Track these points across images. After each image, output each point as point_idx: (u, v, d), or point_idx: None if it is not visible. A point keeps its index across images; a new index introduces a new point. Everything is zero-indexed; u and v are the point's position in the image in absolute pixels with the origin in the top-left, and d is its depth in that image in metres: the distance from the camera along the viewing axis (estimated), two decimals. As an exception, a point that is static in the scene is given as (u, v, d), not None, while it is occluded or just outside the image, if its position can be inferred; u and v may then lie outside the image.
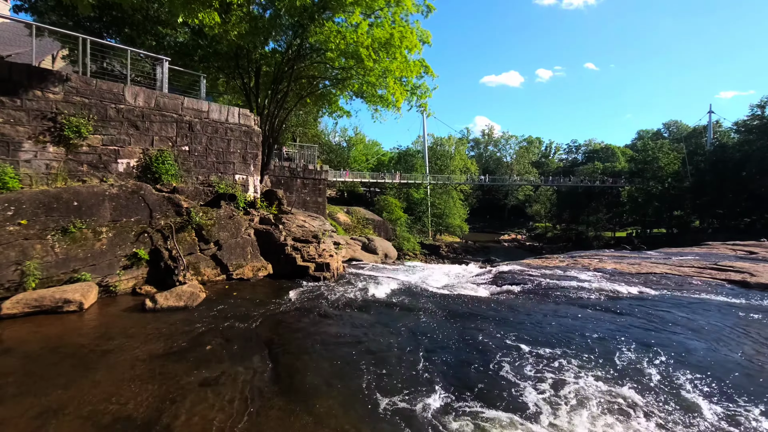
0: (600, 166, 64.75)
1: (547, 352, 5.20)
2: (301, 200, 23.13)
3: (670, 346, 5.61)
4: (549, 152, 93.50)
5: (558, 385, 4.31)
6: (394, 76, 13.05)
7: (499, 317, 6.88)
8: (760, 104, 45.57)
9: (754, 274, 10.91)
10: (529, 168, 78.60)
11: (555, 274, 11.31)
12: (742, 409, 3.93)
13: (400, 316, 6.89)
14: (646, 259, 14.90)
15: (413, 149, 58.37)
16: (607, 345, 5.57)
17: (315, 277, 9.18)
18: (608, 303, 8.11)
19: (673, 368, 4.83)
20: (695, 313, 7.50)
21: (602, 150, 78.92)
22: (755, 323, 6.89)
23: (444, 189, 49.87)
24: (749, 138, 45.53)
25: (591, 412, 3.79)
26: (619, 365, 4.89)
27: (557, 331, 6.18)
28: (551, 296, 8.66)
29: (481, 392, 4.16)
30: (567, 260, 14.39)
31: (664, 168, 50.75)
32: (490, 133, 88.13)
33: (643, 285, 9.85)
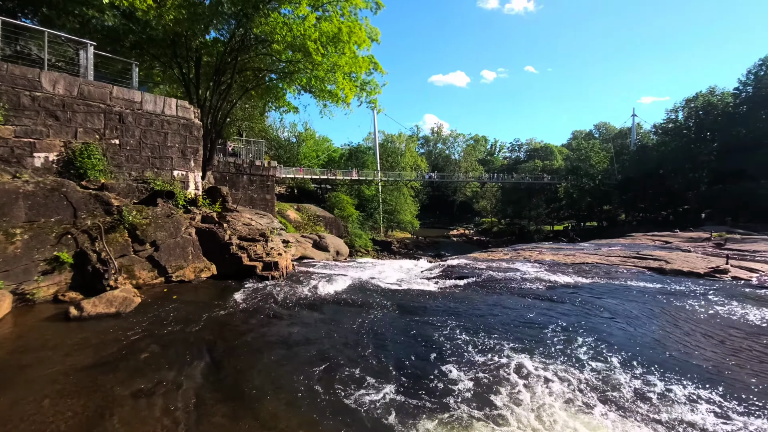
0: (540, 164, 68.85)
1: (491, 341, 5.44)
2: (248, 197, 22.24)
3: (598, 329, 6.11)
4: (494, 150, 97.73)
5: (501, 370, 4.52)
6: (343, 71, 12.93)
7: (448, 310, 7.09)
8: (673, 109, 50.92)
9: (669, 262, 12.19)
10: (476, 165, 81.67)
11: (500, 266, 11.87)
12: (655, 378, 4.37)
13: (351, 313, 6.86)
14: (580, 250, 16.10)
15: (364, 146, 58.33)
16: (544, 331, 5.94)
17: (263, 277, 8.87)
18: (546, 292, 8.66)
19: (599, 348, 5.26)
20: (620, 298, 8.24)
21: (542, 149, 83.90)
22: (669, 305, 7.70)
23: (395, 186, 50.38)
24: (665, 140, 50.72)
25: (531, 393, 4.01)
26: (553, 349, 5.23)
27: (501, 320, 6.48)
28: (496, 288, 9.08)
29: (429, 383, 4.25)
30: (510, 253, 15.16)
31: (595, 166, 55.14)
32: (439, 131, 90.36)
33: (576, 274, 10.63)
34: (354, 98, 13.86)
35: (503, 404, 3.84)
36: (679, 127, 49.22)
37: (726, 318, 6.91)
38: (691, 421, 3.60)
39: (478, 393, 4.05)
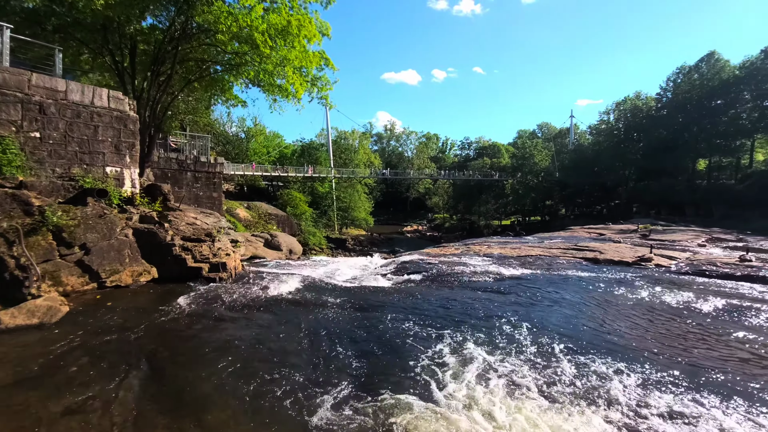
0: (488, 162, 71.75)
1: (443, 333, 5.59)
2: (193, 195, 21.04)
3: (541, 316, 6.50)
4: (445, 148, 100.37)
5: (453, 361, 4.66)
6: (293, 65, 12.58)
7: (401, 305, 7.18)
8: (606, 111, 55.33)
9: (603, 252, 13.22)
10: (428, 162, 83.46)
11: (451, 261, 12.22)
12: (589, 360, 4.72)
13: (305, 312, 6.74)
14: (525, 243, 17.00)
15: (317, 142, 57.43)
16: (492, 321, 6.21)
17: (210, 279, 8.46)
18: (494, 284, 9.06)
19: (541, 334, 5.60)
20: (560, 287, 8.81)
21: (490, 147, 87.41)
22: (602, 292, 8.36)
23: (349, 182, 50.15)
24: (599, 139, 54.99)
25: (480, 380, 4.18)
26: (500, 337, 5.49)
27: (452, 313, 6.68)
28: (448, 281, 9.34)
29: (383, 379, 4.29)
30: (461, 248, 15.66)
31: (538, 164, 58.47)
32: (392, 129, 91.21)
33: (522, 266, 11.22)
34: (305, 94, 13.54)
35: (454, 392, 3.96)
36: (611, 128, 53.51)
37: (650, 302, 7.62)
38: (618, 394, 3.92)
39: (431, 384, 4.15)
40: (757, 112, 38.02)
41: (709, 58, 42.14)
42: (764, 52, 37.48)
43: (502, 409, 3.70)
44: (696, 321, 6.50)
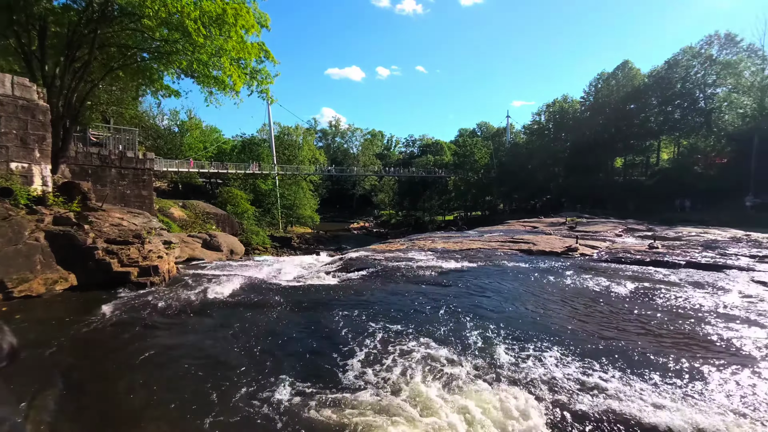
0: (432, 159, 73.86)
1: (388, 327, 5.67)
2: (119, 194, 19.28)
3: (481, 306, 6.84)
4: (390, 145, 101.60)
5: (397, 354, 4.74)
6: (230, 56, 11.98)
7: (347, 302, 7.17)
8: (537, 113, 59.43)
9: (536, 244, 14.20)
10: (374, 159, 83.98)
11: (397, 256, 12.42)
12: (522, 343, 5.06)
13: (247, 314, 6.48)
14: (466, 237, 17.75)
15: (259, 138, 55.33)
16: (435, 313, 6.42)
17: (140, 284, 7.82)
18: (438, 277, 9.36)
19: (481, 322, 5.88)
20: (499, 277, 9.33)
21: (433, 144, 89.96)
22: (535, 281, 8.98)
23: (293, 180, 48.95)
24: (532, 139, 58.90)
25: (424, 370, 4.30)
26: (443, 327, 5.69)
27: (398, 307, 6.80)
28: (393, 277, 9.49)
29: (330, 378, 4.26)
30: (406, 243, 15.98)
31: (478, 161, 61.29)
32: (337, 125, 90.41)
33: (464, 259, 11.70)
34: (244, 87, 12.95)
35: (397, 385, 4.04)
36: (542, 128, 57.52)
37: (575, 288, 8.33)
38: (553, 375, 4.24)
39: (377, 379, 4.19)
40: (662, 116, 42.97)
41: (623, 66, 46.76)
42: (667, 63, 42.37)
43: (444, 396, 3.85)
44: (613, 302, 7.23)
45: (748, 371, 4.42)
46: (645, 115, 43.92)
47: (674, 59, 41.56)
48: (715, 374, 4.33)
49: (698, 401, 3.76)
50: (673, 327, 5.92)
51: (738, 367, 4.50)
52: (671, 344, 5.25)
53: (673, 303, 7.17)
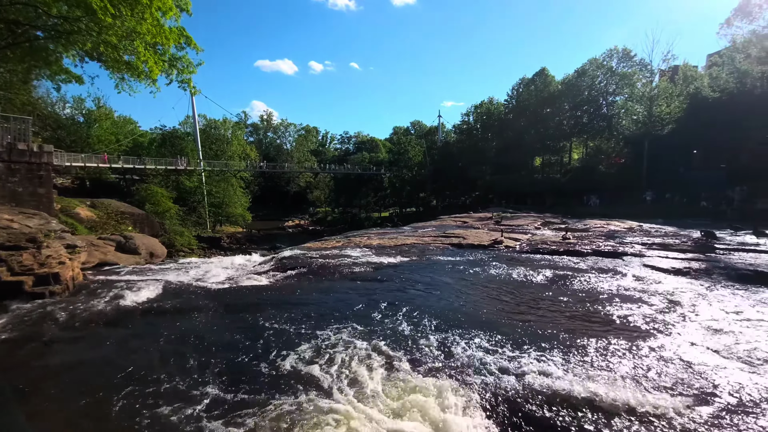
0: (367, 156, 74.30)
1: (324, 326, 5.61)
2: (9, 192, 16.65)
3: (415, 299, 7.05)
4: (325, 141, 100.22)
5: (331, 352, 4.72)
6: (144, 40, 10.90)
7: (281, 302, 6.96)
8: (466, 113, 62.52)
9: (466, 238, 14.97)
10: (309, 156, 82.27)
11: (333, 254, 12.32)
12: (453, 332, 5.32)
13: (169, 322, 6.01)
14: (401, 233, 18.17)
15: (182, 131, 51.30)
16: (370, 308, 6.48)
17: (36, 294, 6.86)
18: (374, 273, 9.47)
19: (414, 315, 6.07)
20: (432, 271, 9.69)
21: (369, 142, 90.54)
22: (464, 272, 9.47)
23: (222, 176, 46.19)
24: (462, 138, 61.91)
25: (356, 369, 4.33)
26: (379, 324, 5.78)
27: (333, 304, 6.76)
28: (329, 274, 9.41)
29: (263, 381, 4.11)
30: (342, 240, 15.92)
31: (412, 159, 62.99)
32: (268, 120, 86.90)
33: (399, 255, 11.96)
34: (162, 75, 11.89)
35: (331, 384, 4.02)
36: (471, 128, 60.69)
37: (500, 278, 8.94)
38: (480, 360, 4.51)
39: (313, 377, 4.13)
40: (573, 120, 47.66)
41: (541, 73, 50.92)
42: (577, 72, 47.01)
43: (377, 390, 3.91)
44: (532, 289, 7.89)
45: (638, 342, 5.09)
46: (559, 119, 48.32)
47: (582, 69, 46.26)
48: (611, 347, 4.92)
49: (596, 371, 4.25)
50: (582, 308, 6.63)
51: (629, 339, 5.16)
52: (579, 323, 5.87)
53: (582, 287, 8.02)
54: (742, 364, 4.57)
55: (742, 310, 6.58)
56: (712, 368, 4.42)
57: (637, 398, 3.67)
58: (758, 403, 3.76)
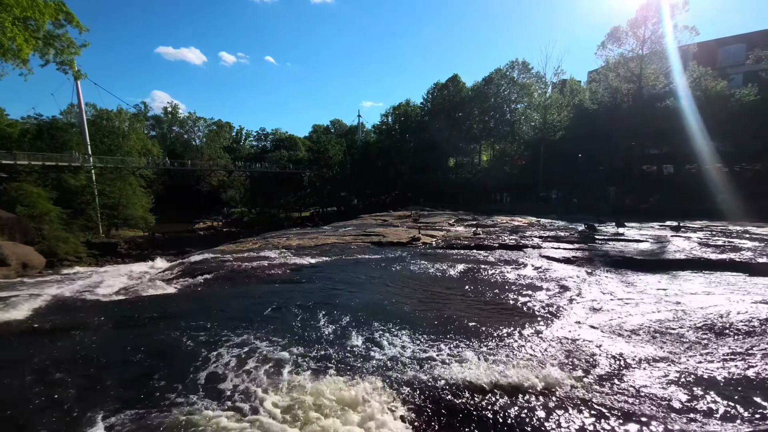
0: (286, 154, 71.97)
1: (238, 333, 5.29)
2: None
3: (336, 298, 7.01)
4: (240, 138, 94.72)
5: (247, 363, 4.46)
6: (12, 13, 9.20)
7: (189, 311, 6.40)
8: (385, 114, 64.11)
9: (386, 236, 15.30)
10: (222, 153, 77.06)
11: (249, 256, 11.69)
12: (374, 329, 5.40)
13: (48, 342, 5.15)
14: (322, 233, 17.94)
15: (64, 121, 44.36)
16: (290, 311, 6.28)
17: None
18: (292, 274, 9.20)
19: (336, 315, 6.03)
20: (352, 269, 9.72)
21: (287, 139, 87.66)
22: (384, 269, 9.68)
23: (118, 174, 40.93)
24: (381, 138, 63.26)
25: (272, 377, 4.16)
26: (298, 325, 5.63)
27: (248, 311, 6.41)
28: (244, 278, 8.90)
29: (160, 402, 3.73)
30: (260, 242, 15.19)
31: (332, 158, 62.57)
32: (173, 112, 79.34)
33: (319, 255, 11.78)
34: (35, 54, 10.13)
35: (243, 395, 3.81)
36: (390, 129, 62.32)
37: (418, 273, 9.31)
38: (398, 355, 4.63)
39: (216, 393, 3.86)
40: (482, 124, 51.63)
41: (453, 79, 54.19)
42: (485, 80, 51.00)
43: (293, 396, 3.80)
44: (447, 283, 8.35)
45: (536, 325, 5.69)
46: (470, 123, 51.97)
47: (489, 77, 50.38)
48: (516, 331, 5.43)
49: (504, 354, 4.66)
50: (490, 297, 7.20)
51: (530, 323, 5.75)
52: (489, 311, 6.37)
53: (491, 278, 8.72)
54: (615, 335, 5.38)
55: (615, 290, 7.75)
56: (593, 342, 5.11)
57: (538, 375, 4.09)
58: (629, 365, 4.45)
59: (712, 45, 42.22)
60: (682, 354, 4.80)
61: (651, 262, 10.26)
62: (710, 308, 6.38)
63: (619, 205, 31.60)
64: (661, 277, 8.94)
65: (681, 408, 3.61)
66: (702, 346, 5.03)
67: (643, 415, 3.46)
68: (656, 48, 35.49)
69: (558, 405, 3.63)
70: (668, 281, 8.55)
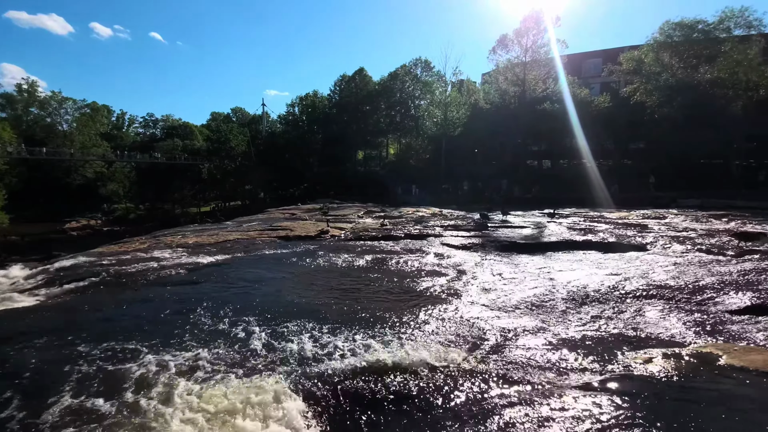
0: (180, 144, 65.31)
1: (115, 349, 4.66)
2: None
3: (239, 299, 6.62)
4: (122, 124, 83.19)
5: (128, 378, 3.99)
6: None
7: (55, 327, 5.45)
8: (292, 104, 62.01)
9: (293, 230, 14.92)
10: (98, 141, 66.75)
11: (135, 258, 10.40)
12: (281, 326, 5.25)
13: None
14: (224, 228, 16.77)
15: None
16: (183, 315, 5.75)
17: None
18: (189, 275, 8.45)
19: (239, 316, 5.70)
20: (257, 266, 9.29)
21: (181, 127, 79.56)
22: (292, 265, 9.45)
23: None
24: (288, 129, 61.14)
25: (160, 390, 3.79)
26: (190, 328, 5.18)
27: (132, 320, 5.70)
28: (128, 283, 7.90)
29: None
30: (149, 241, 13.59)
31: (235, 148, 58.63)
32: (31, 91, 65.98)
33: (220, 252, 11.00)
34: None
35: (131, 414, 3.42)
36: (297, 120, 60.53)
37: (327, 266, 9.29)
38: (306, 350, 4.56)
39: (87, 413, 3.40)
40: (389, 119, 53.16)
41: (360, 72, 54.66)
42: (391, 75, 52.41)
43: (193, 408, 3.53)
44: (355, 274, 8.49)
45: (437, 307, 6.11)
46: (377, 117, 53.13)
47: (395, 73, 51.95)
48: (419, 315, 5.76)
49: (408, 338, 4.92)
50: (395, 286, 7.51)
51: (432, 306, 6.15)
52: (393, 299, 6.64)
53: (396, 267, 9.09)
54: (502, 311, 6.05)
55: (503, 271, 8.70)
56: (484, 319, 5.68)
57: (434, 352, 4.41)
58: (512, 336, 5.05)
59: (579, 57, 49.38)
60: (552, 322, 5.60)
61: (532, 245, 11.73)
62: (574, 282, 7.54)
63: (509, 196, 35.38)
64: (539, 257, 10.29)
65: (551, 367, 4.22)
66: (568, 314, 5.93)
67: (523, 376, 3.97)
68: (536, 56, 40.18)
69: (452, 377, 3.97)
70: (545, 261, 9.88)
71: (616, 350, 4.61)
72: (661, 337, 5.04)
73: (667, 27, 35.38)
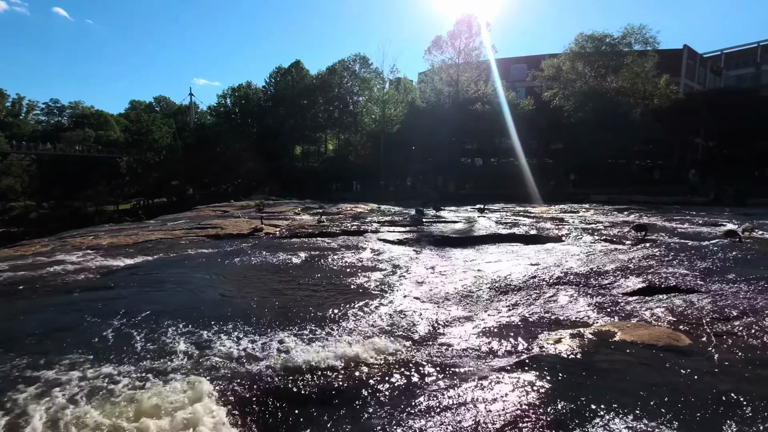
0: (93, 134, 58.74)
1: (13, 365, 4.11)
2: None
3: (159, 304, 6.13)
4: (19, 110, 72.66)
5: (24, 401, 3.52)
6: None
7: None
8: (223, 95, 58.49)
9: (224, 228, 14.16)
10: (-12, 128, 57.70)
11: (34, 263, 9.17)
12: (207, 331, 4.97)
13: None
14: (144, 228, 15.42)
15: None
16: (93, 325, 5.20)
17: None
18: (102, 280, 7.66)
19: (158, 323, 5.27)
20: (182, 267, 8.68)
21: (94, 116, 71.53)
22: (222, 265, 8.97)
23: None
24: (220, 121, 57.68)
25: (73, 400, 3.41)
26: (101, 338, 4.72)
27: (28, 333, 5.03)
28: (26, 291, 6.94)
29: None
30: (53, 243, 12.06)
31: (159, 141, 53.97)
32: None
33: (139, 254, 10.10)
34: None
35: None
36: (229, 112, 57.35)
37: (260, 265, 8.94)
38: (235, 353, 4.36)
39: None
40: (327, 114, 52.41)
41: (296, 65, 53.21)
42: (329, 69, 51.70)
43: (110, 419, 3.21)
44: (290, 272, 8.28)
45: (372, 302, 6.18)
46: (315, 111, 52.14)
47: (333, 68, 51.33)
48: (354, 310, 5.78)
49: (342, 334, 4.92)
50: (333, 282, 7.46)
51: (367, 301, 6.20)
52: (329, 296, 6.59)
53: (332, 264, 9.02)
54: (433, 303, 6.29)
55: (435, 265, 9.04)
56: (416, 311, 5.86)
57: (367, 346, 4.46)
58: (442, 326, 5.27)
59: (506, 62, 52.59)
60: (479, 311, 5.95)
61: (463, 239, 12.33)
62: (499, 272, 8.07)
63: (445, 192, 36.78)
64: (469, 251, 10.85)
65: (477, 352, 4.49)
66: (492, 303, 6.33)
67: (451, 363, 4.17)
68: (469, 59, 42.09)
69: (384, 368, 4.06)
70: (474, 254, 10.44)
71: (533, 333, 5.02)
72: (571, 318, 5.58)
73: (581, 39, 39.17)
